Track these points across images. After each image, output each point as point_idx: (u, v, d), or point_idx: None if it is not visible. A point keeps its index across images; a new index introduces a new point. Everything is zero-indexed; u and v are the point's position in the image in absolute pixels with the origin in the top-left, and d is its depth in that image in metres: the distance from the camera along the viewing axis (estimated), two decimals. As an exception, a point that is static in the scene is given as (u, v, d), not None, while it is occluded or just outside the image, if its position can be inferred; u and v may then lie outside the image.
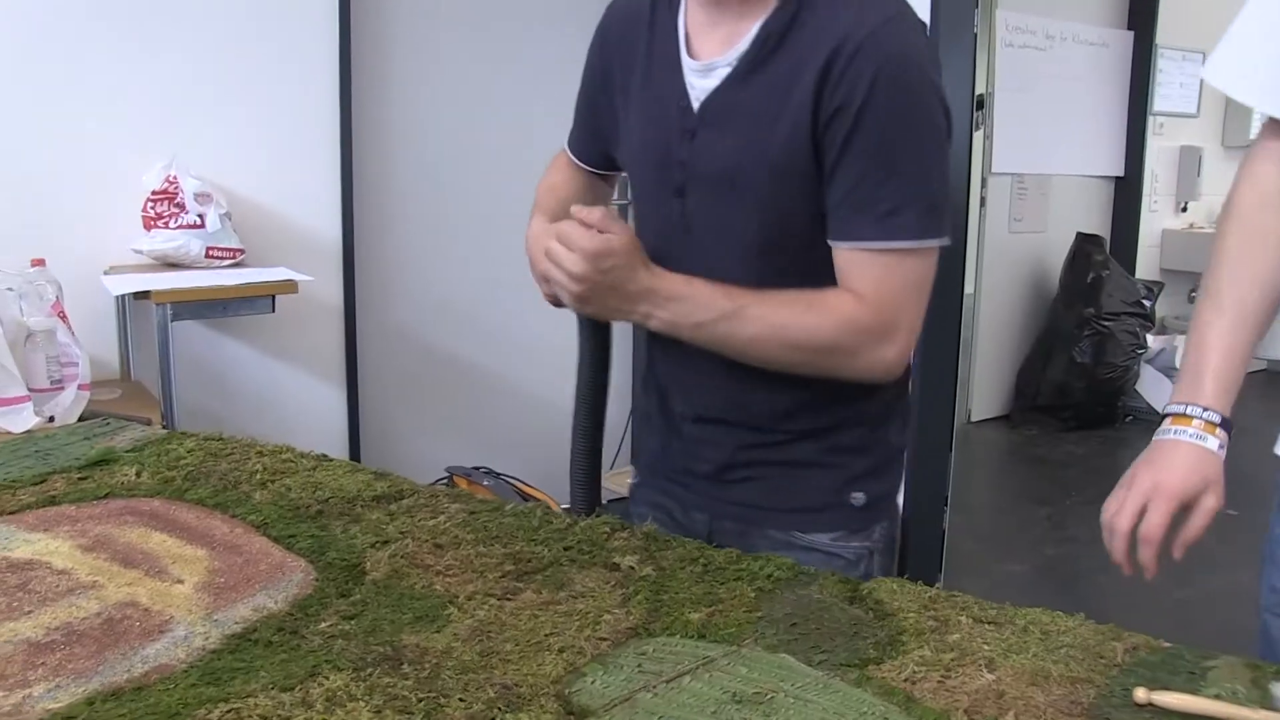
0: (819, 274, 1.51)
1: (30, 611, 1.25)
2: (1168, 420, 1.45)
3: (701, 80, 1.52)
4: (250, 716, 0.98)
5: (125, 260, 3.39)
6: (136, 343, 3.47)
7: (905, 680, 1.17)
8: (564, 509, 1.64)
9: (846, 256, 1.48)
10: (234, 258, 3.43)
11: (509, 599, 1.28)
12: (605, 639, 1.20)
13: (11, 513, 1.54)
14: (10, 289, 2.72)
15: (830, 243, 1.49)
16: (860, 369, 1.54)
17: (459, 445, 4.40)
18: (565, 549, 1.43)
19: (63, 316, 2.82)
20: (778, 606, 1.34)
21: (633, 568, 1.38)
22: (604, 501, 1.77)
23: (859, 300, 1.48)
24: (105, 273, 3.29)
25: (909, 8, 1.47)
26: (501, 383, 4.60)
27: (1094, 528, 1.55)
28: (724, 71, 1.50)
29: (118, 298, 3.32)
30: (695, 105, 1.52)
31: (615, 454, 4.44)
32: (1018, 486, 6.32)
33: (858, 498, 1.55)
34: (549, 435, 3.87)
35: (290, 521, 1.49)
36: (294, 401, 3.96)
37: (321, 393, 3.97)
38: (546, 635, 1.20)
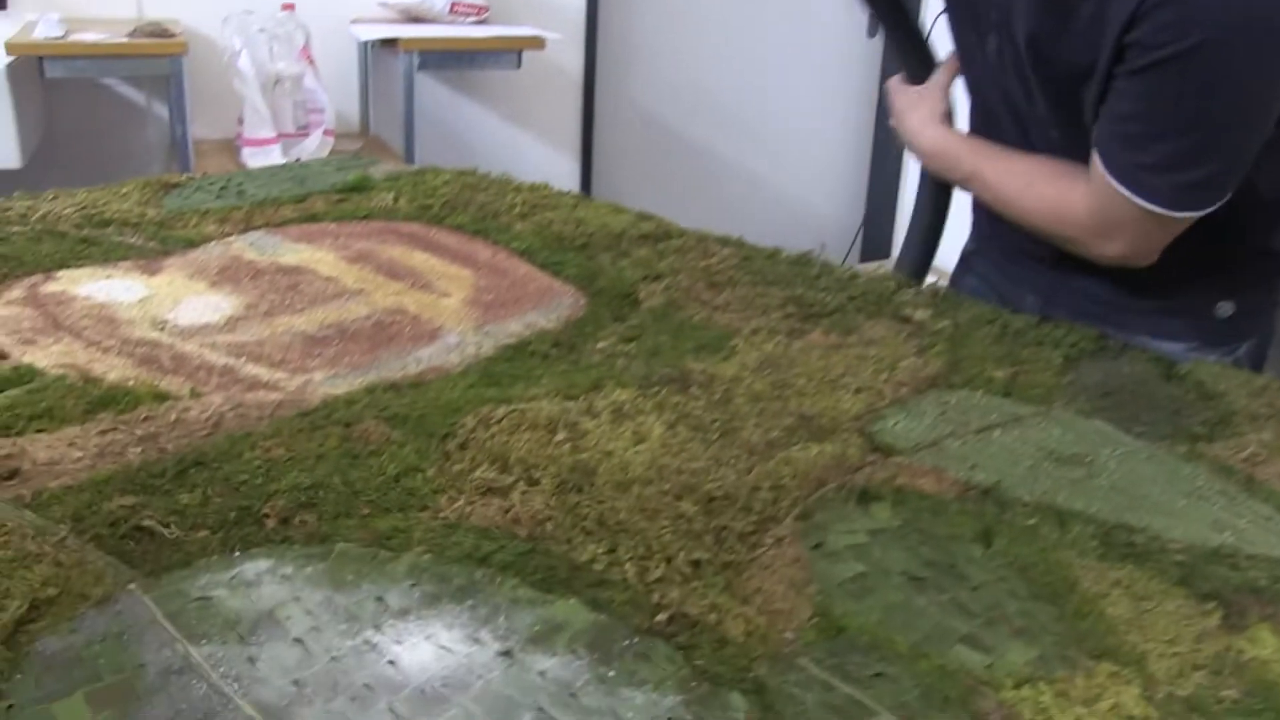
0: None
1: (302, 309, 1.21)
2: None
3: None
4: (535, 418, 0.90)
5: (370, 14, 3.34)
6: (378, 97, 3.45)
7: (1244, 460, 1.02)
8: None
9: (1096, 163, 1.27)
10: (478, 15, 3.34)
11: (795, 338, 1.18)
12: (904, 384, 1.08)
13: (275, 225, 1.51)
14: (262, 30, 2.69)
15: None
16: (1079, 252, 1.36)
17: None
18: (850, 298, 1.32)
19: (310, 62, 2.79)
20: (1087, 374, 1.20)
21: (925, 321, 1.25)
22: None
23: (1087, 200, 1.28)
24: (352, 22, 3.24)
25: None
26: (750, 180, 4.43)
27: None
28: None
29: (361, 49, 3.29)
30: None
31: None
32: None
33: (1224, 307, 1.34)
34: (798, 240, 3.71)
35: (555, 250, 1.41)
36: (529, 170, 3.91)
37: (557, 165, 3.90)
38: (840, 375, 1.09)
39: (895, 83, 1.58)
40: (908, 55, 1.55)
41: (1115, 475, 0.99)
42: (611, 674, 0.67)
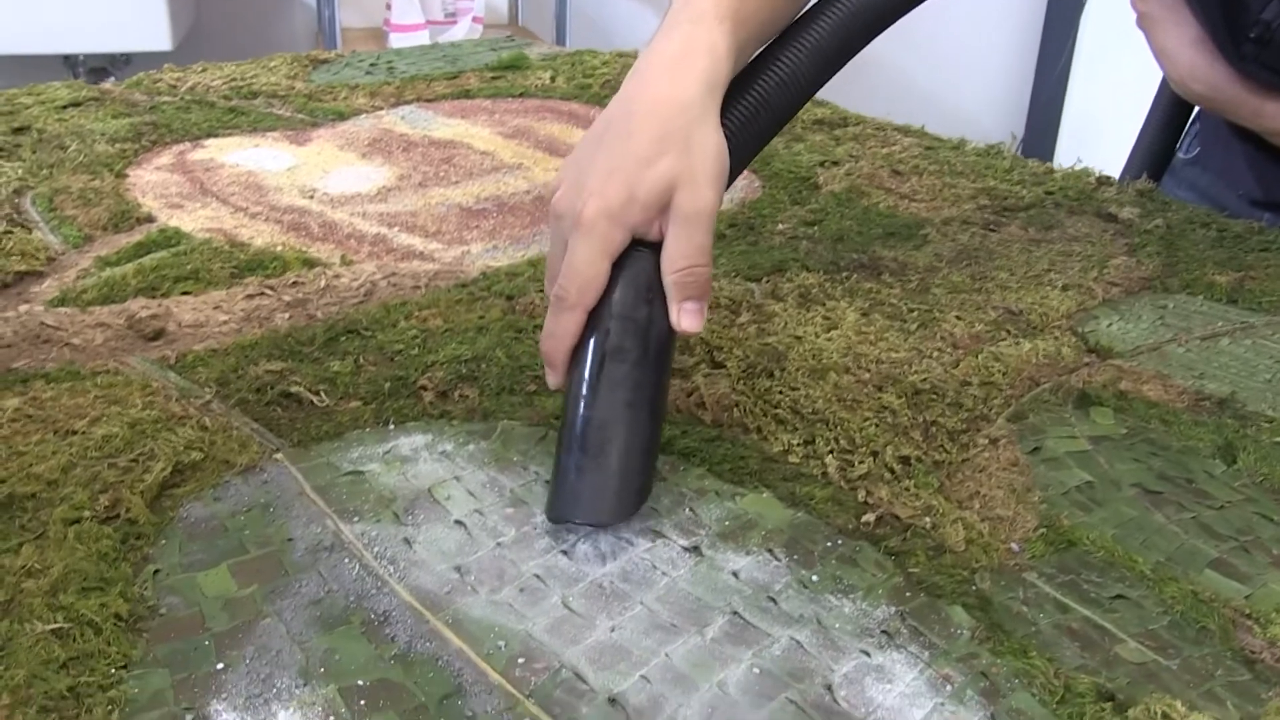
0: None
1: (458, 182, 1.13)
2: None
3: None
4: (716, 298, 0.80)
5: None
6: (526, -13, 3.34)
7: None
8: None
9: None
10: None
11: (992, 230, 1.05)
12: (1116, 284, 0.95)
13: (428, 100, 1.42)
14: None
15: None
16: None
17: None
18: (1047, 193, 1.18)
19: (460, -53, 2.70)
20: (1325, 282, 1.06)
21: (1133, 220, 1.11)
22: None
23: None
24: (504, -93, 3.14)
25: None
26: (899, 81, 4.22)
27: None
28: None
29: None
30: None
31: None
32: None
33: None
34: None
35: (724, 131, 1.30)
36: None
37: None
38: (1045, 270, 0.97)
39: None
40: None
41: (1378, 392, 0.86)
42: (815, 578, 0.57)
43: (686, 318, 0.63)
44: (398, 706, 0.49)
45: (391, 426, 0.69)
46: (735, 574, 0.58)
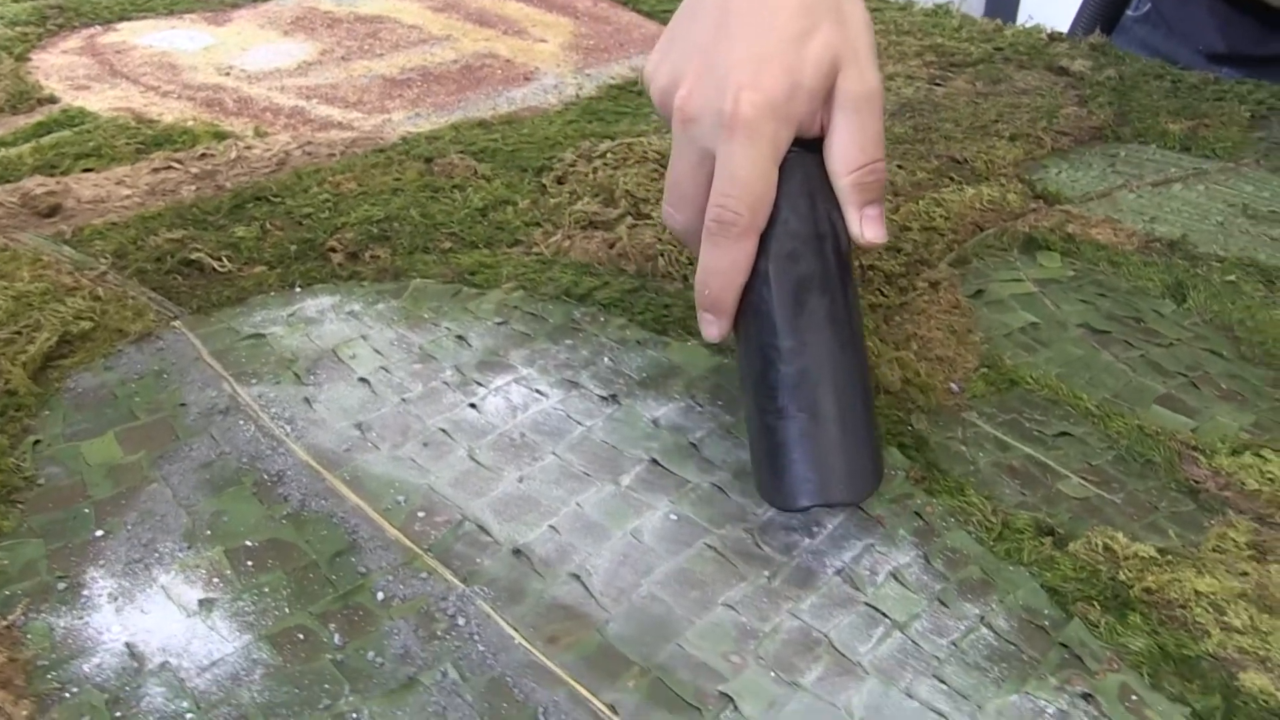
0: None
1: (382, 55, 1.07)
2: None
3: None
4: (645, 152, 0.76)
5: None
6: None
7: None
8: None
9: None
10: None
11: (938, 85, 1.00)
12: (1066, 134, 0.91)
13: (356, -22, 1.36)
14: None
15: None
16: None
17: None
18: (996, 49, 1.14)
19: None
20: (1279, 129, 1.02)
21: (1085, 72, 1.07)
22: None
23: None
24: None
25: None
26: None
27: None
28: None
29: None
30: None
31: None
32: None
33: None
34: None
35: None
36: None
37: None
38: (993, 121, 0.92)
39: None
40: None
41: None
42: (737, 424, 0.54)
43: (870, 226, 0.50)
44: (287, 565, 0.45)
45: (298, 290, 0.65)
46: (655, 422, 0.54)
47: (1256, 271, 0.75)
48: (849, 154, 0.49)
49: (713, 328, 0.50)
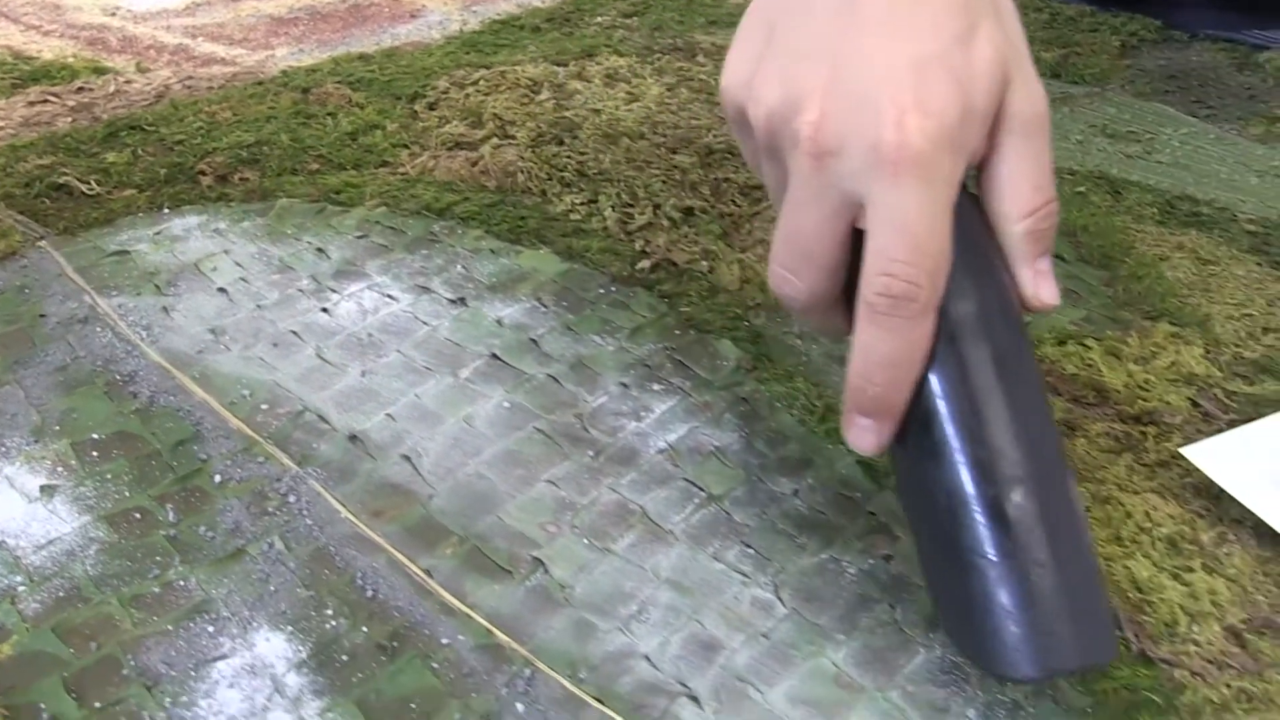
0: None
1: (272, -6, 1.07)
2: None
3: None
4: (517, 79, 0.78)
5: None
6: None
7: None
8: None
9: None
10: None
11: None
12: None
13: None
14: None
15: None
16: None
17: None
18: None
19: None
20: (1148, 59, 1.06)
21: None
22: None
23: None
24: None
25: None
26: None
27: None
28: None
29: None
30: None
31: None
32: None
33: None
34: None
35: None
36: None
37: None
38: (869, 50, 0.94)
39: None
40: None
41: (1178, 153, 0.87)
42: (579, 321, 0.56)
43: (1045, 285, 0.38)
44: (130, 454, 0.47)
45: (166, 211, 0.67)
46: (499, 321, 0.57)
47: (1106, 183, 0.79)
48: (1022, 193, 0.38)
49: (870, 436, 0.38)
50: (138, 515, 0.44)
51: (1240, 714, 0.42)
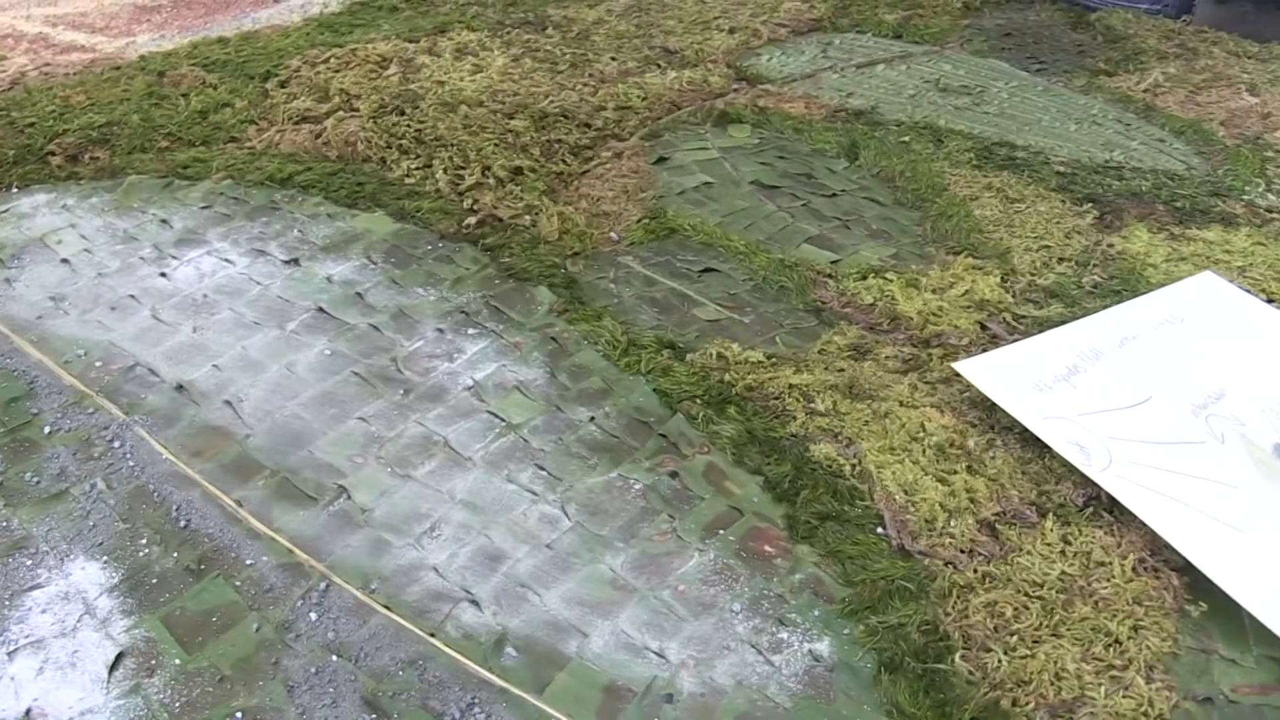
0: None
1: (139, -17, 1.09)
2: None
3: None
4: (367, 56, 0.81)
5: None
6: None
7: (1145, 90, 0.95)
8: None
9: None
10: None
11: (674, -14, 1.07)
12: (785, 25, 0.99)
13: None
14: None
15: None
16: None
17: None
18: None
19: None
20: (988, 19, 1.12)
21: (821, -28, 1.14)
22: None
23: None
24: None
25: None
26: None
27: None
28: None
29: None
30: None
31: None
32: None
33: None
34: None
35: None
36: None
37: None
38: (715, 18, 0.99)
39: None
40: None
41: (1005, 104, 0.92)
42: (405, 275, 0.60)
43: None
44: (-36, 413, 0.50)
45: (14, 191, 0.69)
46: (329, 278, 0.60)
47: (929, 133, 0.84)
48: None
49: None
50: (-33, 466, 0.47)
51: (983, 593, 0.47)
